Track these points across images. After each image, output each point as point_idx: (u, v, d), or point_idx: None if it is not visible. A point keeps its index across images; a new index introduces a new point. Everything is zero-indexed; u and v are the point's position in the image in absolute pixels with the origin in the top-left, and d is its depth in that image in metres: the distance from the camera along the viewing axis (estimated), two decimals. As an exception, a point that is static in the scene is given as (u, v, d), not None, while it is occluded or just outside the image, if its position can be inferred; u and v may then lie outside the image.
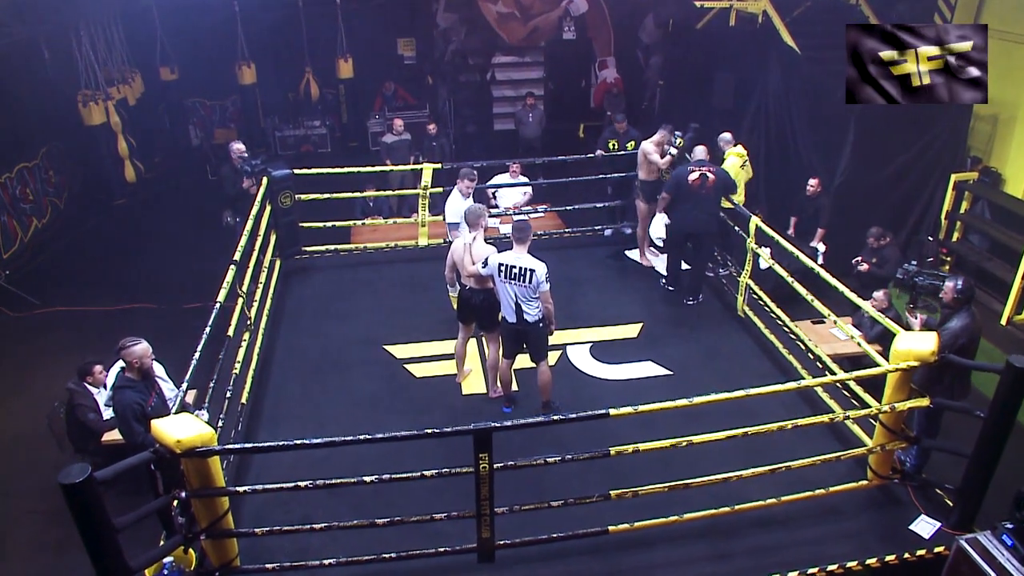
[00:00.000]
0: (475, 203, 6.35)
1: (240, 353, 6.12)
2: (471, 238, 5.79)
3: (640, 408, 4.36)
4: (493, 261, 5.58)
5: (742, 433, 4.54)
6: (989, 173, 8.49)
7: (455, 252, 5.91)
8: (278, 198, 7.85)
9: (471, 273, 5.75)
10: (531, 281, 5.49)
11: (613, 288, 7.92)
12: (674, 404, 4.39)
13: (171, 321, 8.46)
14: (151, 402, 4.71)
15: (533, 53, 14.37)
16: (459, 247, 5.87)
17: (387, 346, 6.98)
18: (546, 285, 5.54)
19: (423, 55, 14.08)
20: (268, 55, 12.60)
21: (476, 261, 5.72)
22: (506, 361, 5.99)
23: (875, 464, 4.98)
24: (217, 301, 5.66)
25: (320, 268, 8.40)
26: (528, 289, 5.53)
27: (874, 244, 7.58)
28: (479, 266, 5.67)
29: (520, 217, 8.05)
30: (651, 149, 7.84)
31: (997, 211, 8.41)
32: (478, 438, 4.17)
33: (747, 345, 7.00)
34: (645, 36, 14.33)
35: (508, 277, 5.53)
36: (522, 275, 5.49)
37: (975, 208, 8.63)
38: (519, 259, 5.51)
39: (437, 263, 8.25)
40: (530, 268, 5.47)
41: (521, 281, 5.50)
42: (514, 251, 5.57)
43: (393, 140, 10.68)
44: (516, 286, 5.53)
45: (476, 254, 5.74)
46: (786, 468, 4.74)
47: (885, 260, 7.53)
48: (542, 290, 5.55)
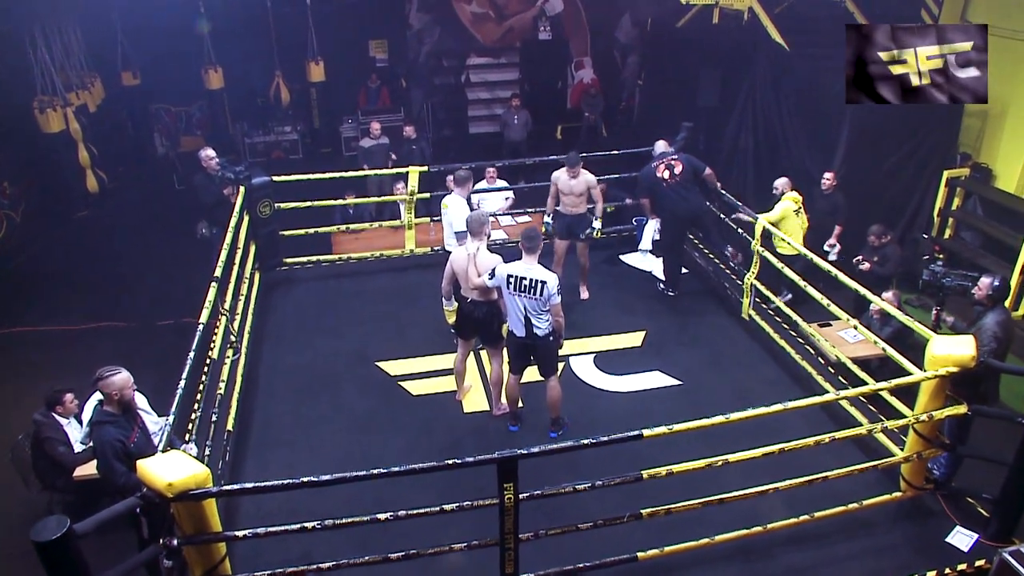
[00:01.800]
0: (464, 194, 5.94)
1: (224, 374, 5.65)
2: (474, 247, 5.41)
3: (675, 428, 4.02)
4: (501, 272, 5.21)
5: (778, 449, 4.26)
6: (980, 169, 8.40)
7: (456, 263, 5.52)
8: (257, 207, 7.38)
9: (476, 285, 5.37)
10: (542, 293, 5.14)
11: (611, 295, 7.62)
12: (710, 422, 4.07)
13: (143, 340, 7.96)
14: (133, 438, 4.23)
15: (508, 54, 14.09)
16: (461, 257, 5.49)
17: (379, 362, 6.57)
18: (557, 297, 5.20)
19: (396, 57, 13.66)
20: (236, 59, 12.02)
21: (482, 272, 5.34)
22: (514, 377, 5.63)
23: (908, 474, 4.73)
24: (200, 321, 5.17)
25: (302, 280, 7.94)
26: (539, 302, 5.18)
27: (875, 242, 7.41)
28: (485, 278, 5.29)
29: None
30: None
31: (989, 207, 8.32)
32: (503, 467, 3.80)
33: (755, 351, 6.76)
34: (622, 36, 14.15)
35: (518, 289, 5.17)
36: (533, 287, 5.13)
37: (967, 204, 8.54)
38: (530, 270, 5.15)
39: (426, 272, 7.96)
40: (541, 280, 5.12)
41: (532, 293, 5.15)
42: (523, 261, 5.21)
43: (371, 144, 10.24)
44: (526, 299, 5.17)
45: (481, 264, 5.37)
46: (822, 479, 4.47)
47: (887, 259, 7.38)
48: (553, 303, 5.21)
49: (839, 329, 6.82)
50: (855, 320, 6.84)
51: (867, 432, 4.63)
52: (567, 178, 7.01)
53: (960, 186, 8.40)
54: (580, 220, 7.17)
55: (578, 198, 7.08)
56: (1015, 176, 7.99)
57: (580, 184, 7.03)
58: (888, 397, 5.02)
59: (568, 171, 6.97)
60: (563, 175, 7.04)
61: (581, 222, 7.17)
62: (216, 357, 5.56)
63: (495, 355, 5.74)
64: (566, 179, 7.03)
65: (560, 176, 7.07)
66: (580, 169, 6.99)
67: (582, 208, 7.14)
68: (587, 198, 7.13)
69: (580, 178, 7.00)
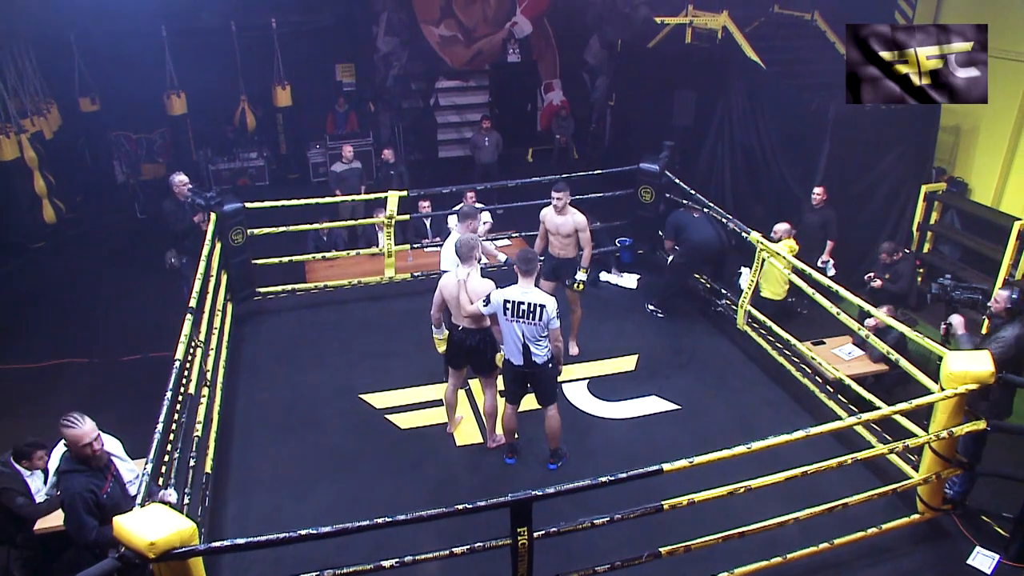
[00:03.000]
0: (466, 232, 5.62)
1: (200, 413, 5.26)
2: (464, 273, 5.13)
3: (696, 460, 3.79)
4: (496, 298, 4.94)
5: (801, 473, 4.05)
6: (956, 183, 8.46)
7: (446, 289, 5.23)
8: (229, 235, 7.01)
9: (469, 313, 5.08)
10: (541, 318, 4.88)
11: (598, 317, 7.38)
12: (731, 453, 3.84)
13: (107, 377, 7.52)
14: (106, 488, 3.84)
15: (477, 77, 13.97)
16: (451, 283, 5.21)
17: (364, 395, 6.22)
18: (557, 322, 4.96)
19: (364, 81, 13.41)
20: (199, 83, 11.62)
21: (474, 299, 5.06)
22: (510, 407, 5.34)
23: (926, 495, 4.56)
24: (176, 357, 4.79)
25: (277, 311, 7.56)
26: (538, 327, 4.92)
27: (887, 259, 7.35)
28: (479, 304, 5.01)
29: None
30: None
31: (967, 220, 8.36)
32: (517, 510, 3.51)
33: (752, 371, 6.59)
34: (591, 57, 14.14)
35: (515, 315, 4.91)
36: (532, 312, 4.87)
37: (945, 218, 8.57)
38: (527, 294, 4.90)
39: (408, 299, 7.68)
40: (540, 303, 4.87)
41: (531, 319, 4.88)
42: (520, 285, 4.95)
43: (343, 169, 9.93)
44: (525, 325, 4.91)
45: (474, 291, 5.09)
46: (842, 506, 4.26)
47: (899, 275, 7.32)
48: (553, 327, 4.96)
49: (833, 347, 6.69)
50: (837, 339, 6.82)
51: (887, 452, 4.43)
52: (553, 216, 6.37)
53: (938, 200, 8.43)
54: (568, 265, 6.49)
55: (565, 240, 6.38)
56: (991, 189, 8.06)
57: (567, 225, 6.34)
58: (904, 421, 4.86)
59: (555, 207, 6.31)
60: (550, 213, 6.41)
61: (569, 267, 6.50)
62: (193, 394, 5.16)
63: (489, 385, 5.46)
64: (552, 217, 6.39)
65: (547, 214, 6.46)
66: (568, 207, 6.33)
67: (571, 252, 6.45)
68: (575, 243, 6.43)
69: (568, 218, 6.32)
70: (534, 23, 13.64)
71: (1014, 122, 7.65)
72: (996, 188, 7.99)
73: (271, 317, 7.44)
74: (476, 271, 5.16)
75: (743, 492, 3.92)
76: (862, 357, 6.56)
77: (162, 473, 4.64)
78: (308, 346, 6.93)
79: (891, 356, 5.15)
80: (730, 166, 9.68)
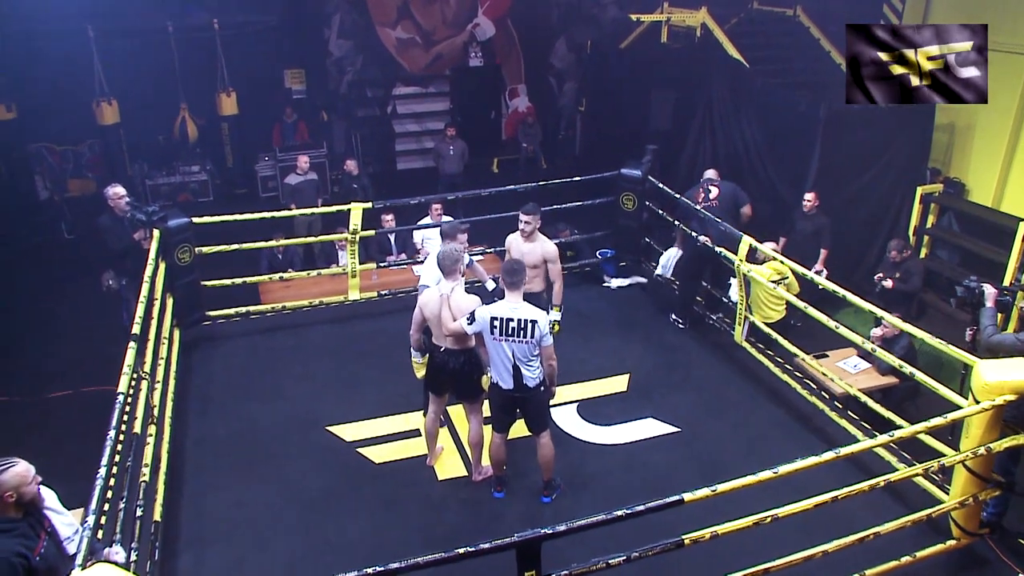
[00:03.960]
0: (449, 243, 5.33)
1: (147, 453, 4.88)
2: (448, 288, 4.89)
3: (719, 488, 3.59)
4: (482, 315, 4.71)
5: (831, 498, 3.88)
6: (953, 184, 8.53)
7: (427, 307, 4.98)
8: (175, 253, 6.65)
9: (452, 331, 4.83)
10: (533, 335, 4.66)
11: (584, 336, 7.18)
12: (757, 479, 3.65)
13: (33, 416, 7.07)
14: (39, 549, 3.43)
15: (438, 83, 13.82)
16: (432, 300, 4.95)
17: (331, 427, 5.92)
18: (550, 338, 4.74)
19: (315, 88, 13.12)
20: (133, 90, 11.17)
21: (458, 316, 4.82)
22: (499, 436, 5.09)
23: (962, 519, 4.44)
24: (119, 390, 4.43)
25: (229, 336, 7.19)
26: (530, 345, 4.69)
27: (896, 258, 7.34)
28: (463, 322, 4.77)
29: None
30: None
31: (965, 222, 8.44)
32: (524, 552, 3.27)
33: (753, 388, 6.46)
34: (558, 61, 14.13)
35: (504, 333, 4.67)
36: (522, 329, 4.65)
37: (942, 221, 8.63)
38: (516, 309, 4.67)
39: (374, 321, 7.43)
40: (531, 319, 4.65)
41: (521, 337, 4.66)
42: (508, 300, 4.73)
43: (299, 181, 9.64)
44: (515, 343, 4.68)
45: (457, 307, 4.85)
46: (874, 535, 4.10)
47: (910, 273, 7.33)
48: (546, 344, 4.74)
49: (837, 360, 6.61)
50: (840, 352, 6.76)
51: (920, 472, 4.29)
52: (520, 243, 5.92)
53: (935, 202, 8.48)
54: (534, 301, 5.31)
55: (532, 271, 5.70)
56: (990, 188, 8.14)
57: (535, 254, 5.84)
58: (931, 441, 4.76)
59: (522, 232, 5.89)
60: (516, 240, 5.97)
61: (535, 303, 5.20)
62: (139, 433, 4.78)
63: (474, 411, 5.20)
64: (519, 244, 5.93)
65: (513, 242, 6.00)
66: (538, 233, 5.90)
67: (537, 285, 5.89)
68: (543, 275, 5.97)
69: (536, 245, 5.88)
70: (497, 25, 13.56)
71: (1014, 117, 7.76)
72: (996, 188, 8.08)
73: (223, 343, 7.08)
74: (460, 286, 4.93)
75: (768, 522, 3.73)
76: (869, 370, 6.50)
77: (104, 526, 4.26)
78: (266, 375, 6.60)
79: (903, 369, 5.05)
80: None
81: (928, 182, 8.58)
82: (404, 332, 6.99)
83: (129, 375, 4.62)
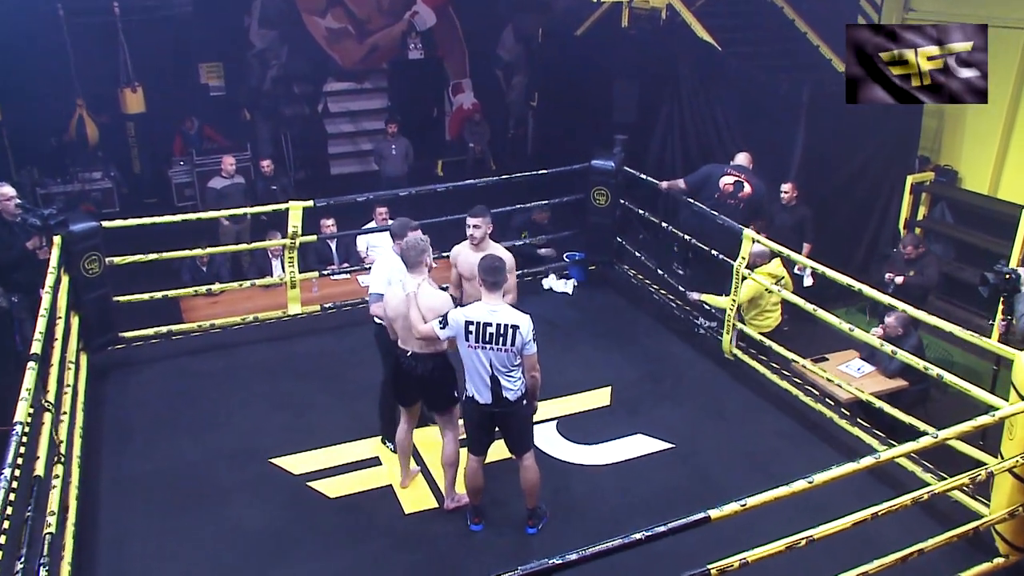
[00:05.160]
0: (415, 233, 4.98)
1: (53, 499, 4.41)
2: (414, 284, 4.58)
3: (749, 503, 3.36)
4: (456, 319, 4.41)
5: (870, 515, 3.69)
6: (945, 172, 8.61)
7: (393, 308, 4.66)
8: (81, 264, 6.17)
9: (423, 335, 4.51)
10: (514, 342, 4.38)
11: (557, 346, 6.93)
12: (790, 490, 3.44)
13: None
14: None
15: (374, 78, 13.51)
16: (397, 299, 4.64)
17: (275, 459, 5.54)
18: (533, 346, 4.46)
19: (235, 84, 12.63)
20: (18, 83, 10.47)
21: (428, 316, 4.51)
22: (476, 459, 4.78)
23: (1010, 533, 4.31)
24: (17, 420, 3.98)
25: (148, 360, 6.74)
26: (510, 354, 4.41)
27: (912, 254, 7.38)
28: (435, 325, 4.45)
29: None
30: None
31: (960, 212, 8.52)
32: (535, 588, 2.97)
33: (748, 397, 6.36)
34: (505, 52, 13.96)
35: (481, 340, 4.38)
36: (501, 335, 4.37)
37: (934, 212, 8.70)
38: (494, 313, 4.39)
39: (318, 338, 7.13)
40: (512, 324, 4.37)
41: (500, 344, 4.37)
42: (485, 302, 4.44)
43: (224, 185, 9.24)
44: (493, 351, 4.39)
45: (426, 305, 4.54)
46: (918, 553, 3.94)
47: (926, 266, 7.39)
48: (528, 352, 4.46)
49: (839, 363, 6.52)
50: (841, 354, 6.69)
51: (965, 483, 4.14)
52: (469, 253, 5.36)
53: (926, 192, 8.54)
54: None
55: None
56: (986, 175, 8.22)
57: None
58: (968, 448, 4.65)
59: (471, 239, 5.33)
60: (464, 251, 5.44)
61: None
62: (42, 476, 4.31)
63: (448, 425, 4.89)
64: (467, 255, 5.36)
65: (460, 253, 5.46)
66: (489, 240, 5.38)
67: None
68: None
69: (488, 253, 5.09)
70: (437, 13, 13.33)
71: (1010, 97, 7.85)
72: (992, 174, 8.16)
73: (142, 368, 6.64)
74: (427, 281, 4.63)
75: (803, 545, 3.52)
76: (873, 373, 6.42)
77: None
78: (195, 402, 6.18)
79: (927, 370, 4.95)
80: (683, 164, 9.54)
81: (918, 171, 8.65)
82: (352, 349, 6.79)
83: (28, 401, 4.16)
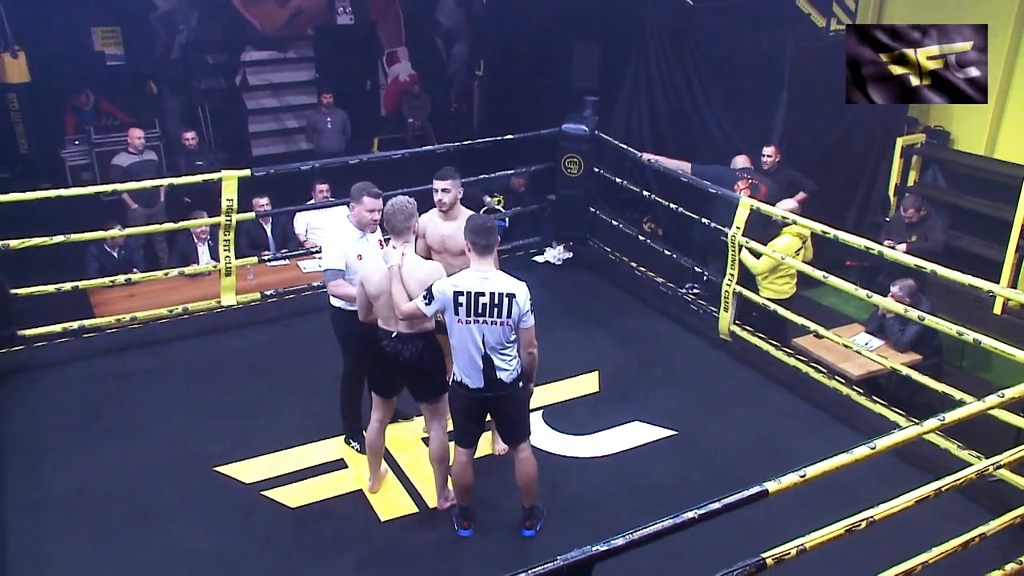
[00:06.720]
0: (360, 216, 4.78)
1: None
2: (397, 256, 4.31)
3: (808, 473, 3.22)
4: (443, 289, 4.16)
5: (933, 492, 3.59)
6: (937, 134, 8.71)
7: (375, 284, 4.36)
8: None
9: (406, 313, 4.24)
10: (511, 314, 4.17)
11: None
12: (852, 457, 3.31)
13: None
14: None
15: (299, 46, 13.09)
16: (378, 273, 4.34)
17: (221, 468, 5.23)
18: (531, 318, 4.27)
19: (137, 52, 12.06)
20: None
21: (416, 291, 4.24)
22: (465, 453, 4.56)
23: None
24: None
25: (55, 363, 6.32)
26: (506, 328, 4.20)
27: (913, 217, 7.37)
28: (420, 300, 4.19)
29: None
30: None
31: (954, 176, 8.62)
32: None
33: (750, 377, 6.36)
34: (444, 18, 13.75)
35: (472, 313, 4.16)
36: (496, 306, 4.16)
37: (925, 177, 8.80)
38: (486, 280, 4.17)
39: (259, 330, 6.88)
40: (507, 292, 4.17)
41: (495, 316, 4.16)
42: (475, 268, 4.21)
43: (132, 162, 8.75)
44: (487, 325, 4.17)
45: (416, 279, 4.28)
46: (979, 539, 3.87)
47: (930, 229, 7.40)
48: (526, 325, 4.26)
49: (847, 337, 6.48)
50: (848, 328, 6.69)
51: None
52: (438, 222, 5.09)
53: (917, 155, 8.63)
54: None
55: (457, 259, 4.89)
56: (982, 135, 8.30)
57: (459, 237, 4.67)
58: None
59: (439, 205, 5.04)
60: (432, 220, 5.12)
61: None
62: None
63: (436, 415, 4.66)
64: (437, 225, 5.09)
65: (429, 222, 5.11)
66: (460, 206, 5.13)
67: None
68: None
69: (459, 223, 4.85)
70: (369, -28, 13.06)
71: (1007, 50, 7.93)
72: (988, 133, 8.26)
73: (49, 372, 6.23)
74: (412, 250, 4.37)
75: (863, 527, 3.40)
76: (883, 348, 6.40)
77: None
78: (119, 408, 5.83)
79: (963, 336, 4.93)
80: (651, 132, 9.48)
81: (906, 133, 8.74)
82: (301, 340, 6.50)
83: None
